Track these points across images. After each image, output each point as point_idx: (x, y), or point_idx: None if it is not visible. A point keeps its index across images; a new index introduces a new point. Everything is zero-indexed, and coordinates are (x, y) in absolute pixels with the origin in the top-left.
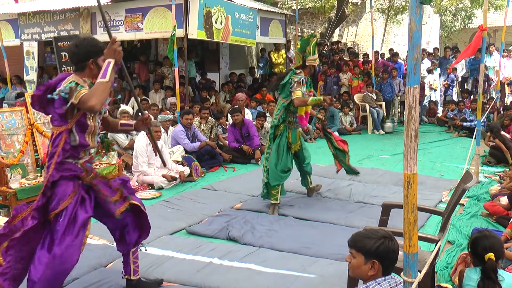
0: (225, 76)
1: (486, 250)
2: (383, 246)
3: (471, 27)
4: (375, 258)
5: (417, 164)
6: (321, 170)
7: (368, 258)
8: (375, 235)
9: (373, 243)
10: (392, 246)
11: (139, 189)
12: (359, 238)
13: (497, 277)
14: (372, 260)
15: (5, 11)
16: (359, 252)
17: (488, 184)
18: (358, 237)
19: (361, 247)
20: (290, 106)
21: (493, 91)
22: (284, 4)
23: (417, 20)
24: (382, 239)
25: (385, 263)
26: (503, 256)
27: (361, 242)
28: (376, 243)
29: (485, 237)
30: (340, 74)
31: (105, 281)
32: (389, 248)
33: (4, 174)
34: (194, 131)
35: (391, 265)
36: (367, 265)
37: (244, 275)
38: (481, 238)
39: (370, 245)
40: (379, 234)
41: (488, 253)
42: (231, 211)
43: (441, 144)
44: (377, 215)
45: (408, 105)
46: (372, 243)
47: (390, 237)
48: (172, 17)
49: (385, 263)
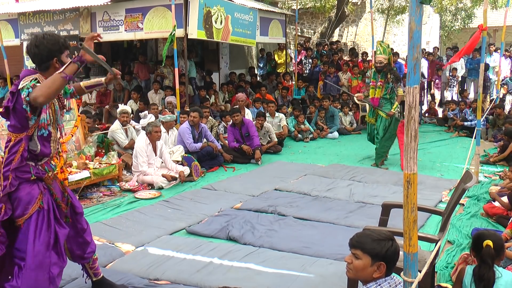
0: (225, 76)
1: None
2: (392, 248)
3: (471, 27)
4: (383, 261)
5: (417, 164)
6: (321, 170)
7: (375, 260)
8: (382, 237)
9: (382, 246)
10: (397, 247)
11: (139, 188)
12: (367, 240)
13: (493, 263)
14: (379, 263)
15: (5, 11)
16: (366, 254)
17: (488, 184)
18: (365, 239)
19: (369, 249)
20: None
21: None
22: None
23: (417, 20)
24: (390, 241)
25: (390, 265)
26: (503, 252)
27: (369, 244)
28: (385, 246)
29: (487, 232)
30: (339, 74)
31: None
32: (395, 250)
33: None
34: (202, 130)
35: (393, 266)
36: (373, 267)
37: (244, 275)
38: (482, 234)
39: (379, 248)
40: (385, 235)
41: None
42: (231, 211)
43: (441, 144)
44: (377, 215)
45: (408, 105)
46: (381, 246)
47: (393, 238)
48: (172, 17)
49: (390, 265)
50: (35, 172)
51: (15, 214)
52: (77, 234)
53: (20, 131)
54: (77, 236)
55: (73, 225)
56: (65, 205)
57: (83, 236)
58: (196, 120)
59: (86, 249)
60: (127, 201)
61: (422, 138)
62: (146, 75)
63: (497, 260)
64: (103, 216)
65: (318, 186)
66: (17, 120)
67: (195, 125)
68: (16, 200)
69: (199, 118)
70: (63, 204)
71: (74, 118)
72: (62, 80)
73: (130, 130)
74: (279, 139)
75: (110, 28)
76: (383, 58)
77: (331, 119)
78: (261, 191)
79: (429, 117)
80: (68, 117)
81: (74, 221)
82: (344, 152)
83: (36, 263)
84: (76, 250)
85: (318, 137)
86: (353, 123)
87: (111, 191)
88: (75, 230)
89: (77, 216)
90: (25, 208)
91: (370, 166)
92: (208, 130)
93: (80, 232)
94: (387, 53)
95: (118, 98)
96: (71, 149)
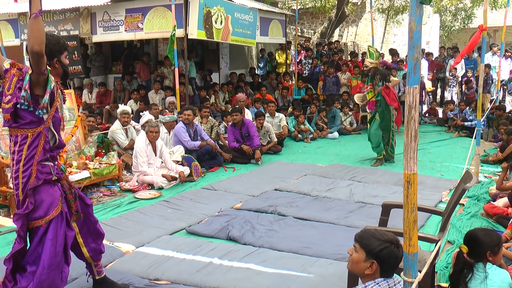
0: (225, 76)
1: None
2: (387, 250)
3: (471, 27)
4: (375, 259)
5: (417, 164)
6: (321, 170)
7: (368, 257)
8: (382, 238)
9: (377, 245)
10: (396, 252)
11: (139, 189)
12: (367, 236)
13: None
14: (371, 260)
15: (5, 11)
16: (362, 249)
17: (488, 184)
18: (366, 234)
19: (365, 245)
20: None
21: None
22: (284, 4)
23: (417, 20)
24: (388, 243)
25: (384, 267)
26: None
27: (367, 239)
28: (381, 245)
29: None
30: (338, 74)
31: None
32: (392, 254)
33: (4, 174)
34: (197, 129)
35: (391, 269)
36: (366, 263)
37: (244, 275)
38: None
39: (375, 245)
40: (387, 237)
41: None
42: (231, 211)
43: (441, 144)
44: (377, 215)
45: (408, 105)
46: (377, 244)
47: (397, 244)
48: (172, 17)
49: (384, 267)
50: (56, 173)
51: (34, 215)
52: (90, 226)
53: (37, 125)
54: (91, 229)
55: (87, 218)
56: (75, 200)
57: (96, 228)
58: (190, 118)
59: (100, 241)
60: (127, 201)
61: (422, 138)
62: (147, 75)
63: (493, 257)
64: (103, 216)
65: (318, 186)
66: (32, 115)
67: (190, 124)
68: (37, 202)
69: (193, 116)
70: (74, 203)
71: (74, 118)
72: (36, 19)
73: (130, 130)
74: (279, 139)
75: (110, 28)
76: (369, 63)
77: (332, 120)
78: (261, 191)
79: (429, 117)
80: (68, 117)
81: (87, 214)
82: (344, 152)
83: (53, 264)
84: (91, 243)
85: (318, 137)
86: (353, 123)
87: (111, 191)
88: (88, 223)
89: (88, 208)
90: (48, 209)
91: (370, 166)
92: (202, 129)
93: (94, 224)
94: (375, 58)
95: (119, 98)
96: (71, 149)
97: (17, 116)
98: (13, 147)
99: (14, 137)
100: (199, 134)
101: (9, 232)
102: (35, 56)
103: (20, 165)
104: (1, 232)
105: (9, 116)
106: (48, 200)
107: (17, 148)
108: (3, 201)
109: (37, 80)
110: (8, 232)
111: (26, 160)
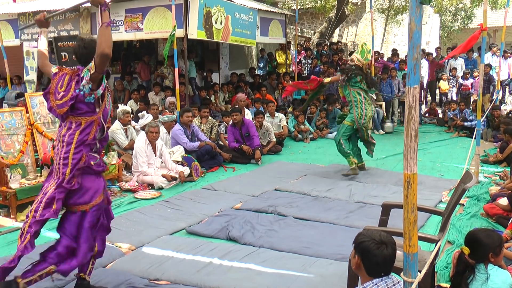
0: (225, 76)
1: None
2: (364, 244)
3: (471, 27)
4: (356, 253)
5: (417, 164)
6: (321, 170)
7: (355, 251)
8: (368, 234)
9: (359, 238)
10: (375, 249)
11: (139, 189)
12: (362, 233)
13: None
14: (355, 254)
15: (5, 11)
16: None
17: (488, 184)
18: (363, 231)
19: (354, 239)
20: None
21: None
22: (284, 4)
23: (417, 20)
24: (369, 239)
25: (365, 263)
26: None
27: (357, 236)
28: (362, 239)
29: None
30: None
31: (105, 281)
32: (369, 249)
33: (4, 174)
34: (194, 130)
35: (373, 268)
36: (355, 258)
37: (244, 275)
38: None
39: (357, 239)
40: (373, 235)
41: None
42: (231, 211)
43: (441, 144)
44: (377, 215)
45: (408, 105)
46: (359, 238)
47: (382, 243)
48: (172, 17)
49: (365, 263)
50: (102, 166)
51: (79, 200)
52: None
53: (91, 115)
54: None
55: (107, 213)
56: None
57: (109, 225)
58: (191, 119)
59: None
60: (127, 201)
61: (422, 138)
62: (147, 75)
63: (495, 258)
64: None
65: (318, 186)
66: (87, 107)
67: (187, 125)
68: (84, 188)
69: (192, 117)
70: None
71: None
72: (107, 27)
73: (130, 131)
74: (279, 139)
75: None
76: (356, 58)
77: (332, 121)
78: (261, 191)
79: (429, 118)
80: None
81: (107, 209)
82: None
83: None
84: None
85: (318, 137)
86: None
87: (111, 191)
88: (108, 218)
89: (109, 205)
90: (93, 196)
91: (370, 167)
92: (199, 130)
93: (109, 220)
94: (364, 57)
95: (119, 98)
96: None
97: (73, 108)
98: (64, 131)
99: (69, 123)
100: (196, 135)
101: (9, 232)
102: (105, 58)
103: (72, 147)
104: (1, 232)
105: (65, 110)
106: (94, 187)
107: (70, 132)
108: (3, 201)
109: (95, 78)
110: (8, 232)
111: (77, 144)
